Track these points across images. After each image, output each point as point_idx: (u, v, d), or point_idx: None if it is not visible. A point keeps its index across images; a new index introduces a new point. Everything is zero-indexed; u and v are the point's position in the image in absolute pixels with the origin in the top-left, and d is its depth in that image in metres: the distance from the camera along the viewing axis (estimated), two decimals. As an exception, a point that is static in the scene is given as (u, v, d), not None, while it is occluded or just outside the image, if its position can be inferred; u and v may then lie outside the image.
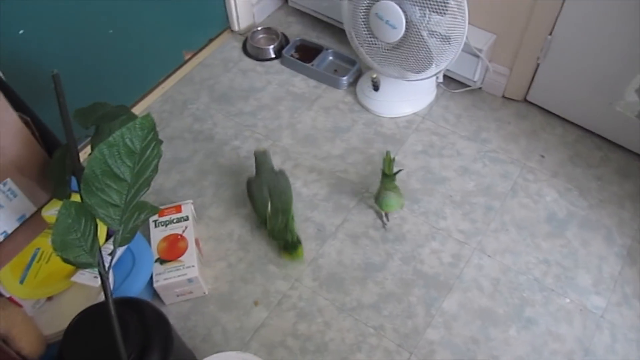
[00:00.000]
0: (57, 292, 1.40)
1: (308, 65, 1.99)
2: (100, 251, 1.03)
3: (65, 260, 0.95)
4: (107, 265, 1.03)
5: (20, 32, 1.46)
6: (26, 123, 1.20)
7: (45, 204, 1.26)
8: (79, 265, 0.98)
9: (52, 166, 1.15)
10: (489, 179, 1.73)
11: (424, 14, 1.56)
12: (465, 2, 1.51)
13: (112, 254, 1.05)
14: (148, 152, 0.97)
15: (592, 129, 1.82)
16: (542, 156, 1.78)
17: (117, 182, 0.95)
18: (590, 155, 1.78)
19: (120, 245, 1.05)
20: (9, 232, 1.21)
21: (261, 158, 1.63)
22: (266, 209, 1.56)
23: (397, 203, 1.57)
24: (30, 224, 1.24)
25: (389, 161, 1.64)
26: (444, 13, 1.53)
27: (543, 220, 1.64)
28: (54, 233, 0.92)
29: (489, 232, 1.62)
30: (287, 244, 1.55)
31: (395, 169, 1.63)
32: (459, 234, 1.62)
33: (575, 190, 1.71)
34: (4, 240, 1.20)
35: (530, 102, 1.91)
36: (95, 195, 0.94)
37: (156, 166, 1.01)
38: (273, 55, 2.07)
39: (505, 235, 1.61)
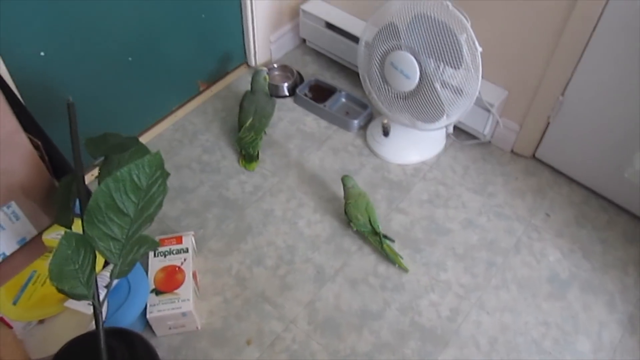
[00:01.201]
0: (49, 315, 1.38)
1: (320, 105, 2.00)
2: (96, 281, 1.03)
3: (60, 291, 0.95)
4: (101, 297, 1.02)
5: (42, 54, 1.49)
6: (36, 146, 1.21)
7: (47, 228, 1.26)
8: (73, 297, 0.97)
9: (58, 192, 1.16)
10: (493, 234, 1.72)
11: (439, 66, 1.58)
12: (480, 57, 1.52)
13: (108, 286, 1.04)
14: (154, 188, 0.97)
15: (599, 191, 1.82)
16: (548, 215, 1.78)
17: (120, 217, 0.95)
18: (596, 218, 1.77)
19: (117, 278, 1.05)
20: (8, 254, 1.21)
21: (256, 82, 1.88)
22: (246, 122, 1.84)
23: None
24: (30, 247, 1.23)
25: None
26: (459, 67, 1.55)
27: (545, 280, 1.62)
28: (51, 263, 0.92)
29: (489, 288, 1.60)
30: (247, 155, 1.85)
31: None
32: (459, 287, 1.60)
33: (579, 251, 1.69)
34: (2, 261, 1.20)
35: (538, 159, 1.91)
36: (97, 228, 0.94)
37: (161, 203, 1.01)
38: (287, 93, 2.09)
39: (506, 292, 1.59)
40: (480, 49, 1.51)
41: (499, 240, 1.70)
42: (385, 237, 1.66)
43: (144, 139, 1.94)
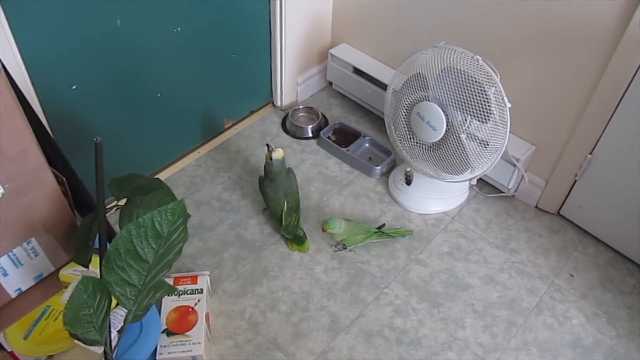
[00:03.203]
0: (59, 351, 1.36)
1: (344, 149, 2.00)
2: (109, 326, 1.01)
3: (73, 335, 0.93)
4: (113, 342, 1.00)
5: (74, 87, 1.52)
6: (60, 182, 1.22)
7: (64, 265, 1.25)
8: (85, 342, 0.95)
9: (79, 231, 1.15)
10: (514, 292, 1.67)
11: (466, 119, 1.57)
12: (508, 112, 1.51)
13: (120, 331, 1.03)
14: (175, 235, 0.96)
15: (626, 254, 1.76)
16: (572, 275, 1.72)
17: (139, 263, 0.94)
18: (622, 282, 1.72)
19: (131, 323, 1.03)
20: (24, 289, 1.20)
21: (272, 167, 1.73)
22: (282, 208, 1.74)
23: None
24: (46, 284, 1.23)
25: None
26: (486, 121, 1.54)
27: (567, 345, 1.56)
28: (66, 307, 0.91)
29: (509, 349, 1.55)
30: (296, 237, 1.74)
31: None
32: (477, 346, 1.55)
33: (604, 316, 1.63)
34: (17, 297, 1.19)
35: (563, 217, 1.87)
36: (115, 274, 0.93)
37: (180, 249, 1.00)
38: (311, 135, 2.09)
39: (526, 355, 1.54)
40: (509, 105, 1.49)
41: (521, 299, 1.65)
42: (380, 229, 1.76)
43: (166, 174, 1.94)
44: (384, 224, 1.80)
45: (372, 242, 1.75)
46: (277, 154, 1.70)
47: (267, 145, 1.73)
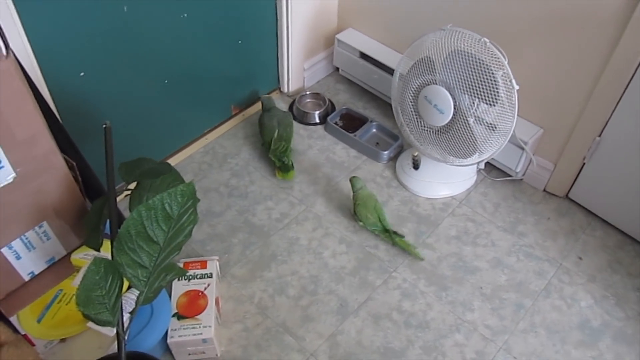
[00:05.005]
0: (71, 334, 1.38)
1: (351, 135, 2.00)
2: (121, 308, 1.02)
3: (86, 316, 0.95)
4: (125, 323, 1.02)
5: (82, 74, 1.52)
6: (70, 167, 1.23)
7: (76, 248, 1.27)
8: (98, 323, 0.97)
9: (90, 214, 1.17)
10: (522, 275, 1.67)
11: (473, 102, 1.56)
12: (516, 95, 1.50)
13: (132, 312, 1.04)
14: (184, 217, 0.97)
15: (635, 236, 1.76)
16: (580, 258, 1.72)
17: (150, 245, 0.95)
18: (631, 264, 1.71)
19: (142, 305, 1.04)
20: (36, 273, 1.22)
21: (268, 102, 2.00)
22: (273, 134, 1.91)
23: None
24: (58, 267, 1.24)
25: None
26: (494, 104, 1.53)
27: (575, 327, 1.57)
28: (79, 288, 0.92)
29: (517, 331, 1.55)
30: (283, 165, 1.88)
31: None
32: (485, 329, 1.55)
33: (613, 298, 1.63)
34: (30, 280, 1.21)
35: (571, 200, 1.86)
36: (126, 255, 0.94)
37: (190, 232, 1.01)
38: (318, 121, 2.09)
39: (534, 337, 1.54)
40: (517, 87, 1.49)
41: (529, 282, 1.66)
42: (395, 233, 1.71)
43: (174, 161, 1.95)
44: (403, 236, 1.71)
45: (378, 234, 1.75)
46: (267, 96, 1.97)
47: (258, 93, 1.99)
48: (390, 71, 1.95)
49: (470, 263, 1.70)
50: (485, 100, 1.53)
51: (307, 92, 2.17)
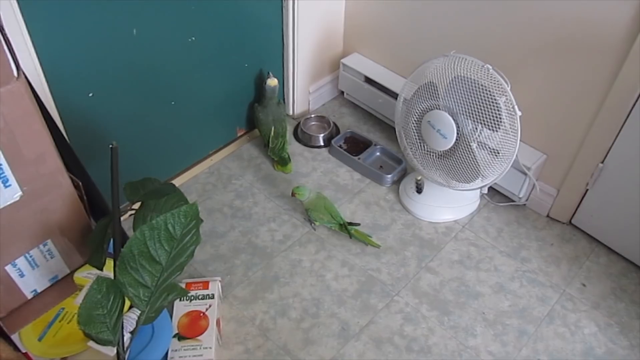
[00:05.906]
0: (72, 354, 1.38)
1: (355, 158, 2.01)
2: (122, 327, 1.02)
3: (87, 335, 0.95)
4: (126, 343, 1.02)
5: (90, 94, 1.55)
6: (76, 186, 1.24)
7: (79, 267, 1.27)
8: (99, 342, 0.97)
9: (94, 233, 1.18)
10: (525, 301, 1.66)
11: (476, 127, 1.58)
12: (519, 121, 1.52)
13: (133, 332, 1.04)
14: (187, 238, 0.98)
15: (638, 263, 1.75)
16: (584, 285, 1.71)
17: (152, 264, 0.96)
18: (635, 291, 1.70)
19: (144, 324, 1.05)
20: (39, 290, 1.22)
21: (271, 92, 1.97)
22: (270, 132, 1.99)
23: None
24: (61, 285, 1.25)
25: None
26: (497, 129, 1.54)
27: (579, 355, 1.55)
28: (81, 307, 0.93)
29: (520, 358, 1.54)
30: (282, 159, 1.99)
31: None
32: (487, 355, 1.54)
33: (617, 326, 1.62)
34: (32, 298, 1.21)
35: (575, 226, 1.86)
36: (128, 274, 0.95)
37: (192, 252, 1.01)
38: (322, 144, 2.11)
39: (537, 364, 1.53)
40: (519, 113, 1.50)
41: (532, 308, 1.65)
42: (351, 224, 1.79)
43: (179, 181, 1.97)
44: (359, 224, 1.83)
45: (359, 240, 1.79)
46: (272, 82, 1.94)
47: (268, 72, 1.95)
48: (394, 95, 1.98)
49: (473, 288, 1.69)
50: (488, 125, 1.54)
51: (312, 115, 2.19)
